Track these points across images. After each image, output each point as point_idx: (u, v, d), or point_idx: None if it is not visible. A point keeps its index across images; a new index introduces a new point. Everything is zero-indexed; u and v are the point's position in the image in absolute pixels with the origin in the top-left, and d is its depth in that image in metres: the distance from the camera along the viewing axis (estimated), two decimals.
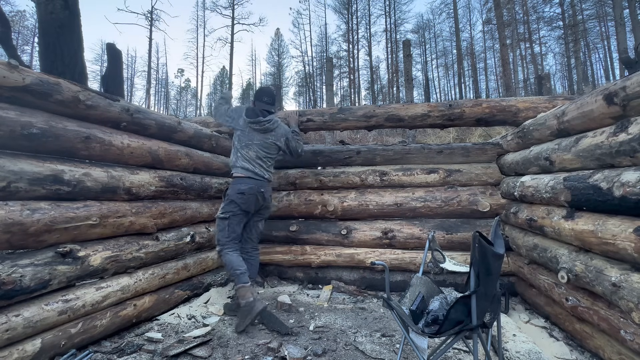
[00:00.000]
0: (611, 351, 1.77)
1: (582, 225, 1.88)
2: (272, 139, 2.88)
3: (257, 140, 2.82)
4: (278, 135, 2.92)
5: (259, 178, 2.78)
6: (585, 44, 26.25)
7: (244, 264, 2.60)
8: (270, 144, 2.88)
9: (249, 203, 2.73)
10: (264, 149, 2.85)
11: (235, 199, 2.68)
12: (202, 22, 40.91)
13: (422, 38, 35.40)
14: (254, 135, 2.83)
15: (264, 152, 2.85)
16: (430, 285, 1.92)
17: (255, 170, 2.78)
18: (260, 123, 2.82)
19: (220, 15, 30.91)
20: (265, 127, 2.84)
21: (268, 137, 2.86)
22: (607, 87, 1.75)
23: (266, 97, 2.96)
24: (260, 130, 2.84)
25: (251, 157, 2.80)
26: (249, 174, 2.75)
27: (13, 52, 5.18)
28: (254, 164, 2.79)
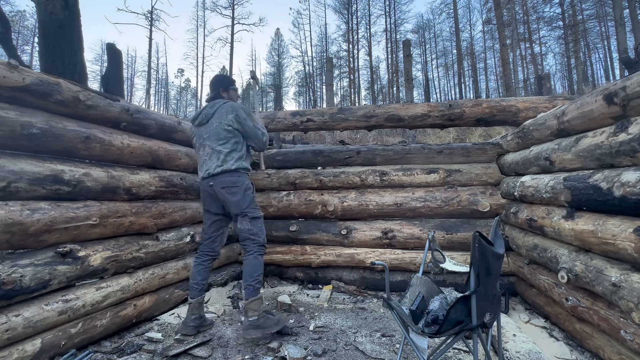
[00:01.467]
0: (611, 351, 1.77)
1: (582, 225, 1.88)
2: (215, 122, 2.44)
3: (205, 134, 2.46)
4: (222, 115, 2.43)
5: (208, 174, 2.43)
6: (585, 44, 26.26)
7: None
8: (218, 129, 2.42)
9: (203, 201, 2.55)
10: (215, 139, 2.43)
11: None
12: (202, 22, 40.98)
13: (422, 38, 35.41)
14: (202, 132, 2.49)
15: (215, 142, 2.43)
16: (430, 285, 1.92)
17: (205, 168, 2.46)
18: (197, 117, 2.53)
19: (220, 15, 30.92)
20: (204, 115, 2.49)
21: (212, 123, 2.45)
22: (607, 87, 1.75)
23: (209, 92, 2.64)
24: (203, 123, 2.50)
25: (207, 155, 2.45)
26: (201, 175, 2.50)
27: (13, 52, 5.18)
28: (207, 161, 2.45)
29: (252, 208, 2.44)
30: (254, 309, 2.19)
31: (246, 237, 2.40)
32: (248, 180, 2.49)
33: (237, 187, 2.40)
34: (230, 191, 2.40)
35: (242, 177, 2.45)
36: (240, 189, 2.40)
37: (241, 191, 2.40)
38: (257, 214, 2.45)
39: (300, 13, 41.94)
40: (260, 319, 2.18)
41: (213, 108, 2.47)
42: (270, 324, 2.19)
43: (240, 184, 2.41)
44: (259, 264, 2.36)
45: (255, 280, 2.27)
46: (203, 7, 39.94)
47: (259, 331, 2.14)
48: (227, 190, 2.41)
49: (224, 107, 2.47)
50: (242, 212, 2.40)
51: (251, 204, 2.44)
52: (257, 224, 2.43)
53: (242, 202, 2.40)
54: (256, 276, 2.29)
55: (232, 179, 2.41)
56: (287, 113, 3.80)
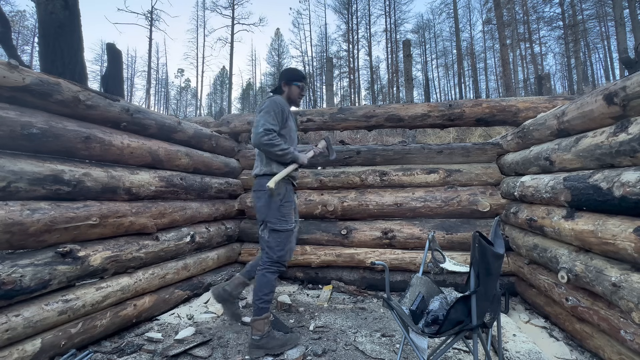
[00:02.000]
0: (611, 351, 1.77)
1: (582, 225, 1.88)
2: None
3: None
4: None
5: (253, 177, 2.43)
6: (585, 44, 26.25)
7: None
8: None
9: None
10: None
11: None
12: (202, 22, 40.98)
13: (422, 38, 35.41)
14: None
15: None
16: (430, 285, 1.92)
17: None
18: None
19: (220, 15, 30.92)
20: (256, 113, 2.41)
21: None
22: (607, 87, 1.75)
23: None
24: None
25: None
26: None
27: (13, 52, 5.18)
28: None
29: (276, 218, 2.22)
30: (257, 328, 2.09)
31: (263, 247, 2.26)
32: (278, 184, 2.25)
33: (262, 192, 2.25)
34: (256, 195, 2.31)
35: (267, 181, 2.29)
36: (265, 194, 2.23)
37: (265, 196, 2.23)
38: (278, 227, 2.22)
39: (300, 13, 41.97)
40: (264, 339, 2.07)
41: (261, 108, 2.32)
42: (274, 345, 2.07)
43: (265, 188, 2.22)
44: (267, 282, 2.17)
45: (260, 300, 2.13)
46: (203, 7, 39.96)
47: (261, 351, 2.05)
48: (254, 194, 2.34)
49: (264, 103, 2.32)
50: (264, 220, 2.24)
51: (275, 213, 2.22)
52: (277, 237, 2.21)
53: (265, 209, 2.23)
54: (262, 295, 2.14)
55: (260, 182, 2.29)
56: None
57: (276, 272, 2.22)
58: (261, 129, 2.19)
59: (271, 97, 2.34)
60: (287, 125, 2.36)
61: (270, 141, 2.18)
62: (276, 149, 2.19)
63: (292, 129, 2.45)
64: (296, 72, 2.51)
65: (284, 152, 2.23)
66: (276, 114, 2.25)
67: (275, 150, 2.19)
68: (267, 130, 2.20)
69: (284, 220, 2.24)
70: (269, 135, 2.20)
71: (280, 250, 2.22)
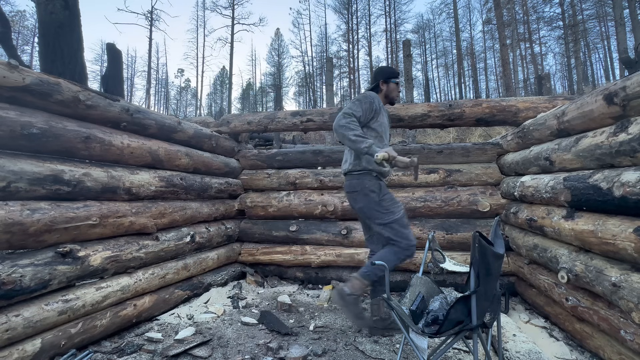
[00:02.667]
0: (611, 351, 1.77)
1: (582, 225, 1.88)
2: None
3: None
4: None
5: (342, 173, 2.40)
6: (585, 44, 26.27)
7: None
8: None
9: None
10: None
11: None
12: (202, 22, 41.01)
13: (422, 38, 35.43)
14: None
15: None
16: (430, 285, 1.92)
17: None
18: None
19: (220, 15, 30.94)
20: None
21: None
22: (607, 87, 1.75)
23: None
24: None
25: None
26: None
27: (13, 52, 5.19)
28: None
29: (380, 212, 2.15)
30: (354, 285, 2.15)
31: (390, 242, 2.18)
32: (370, 182, 2.19)
33: (355, 192, 2.17)
34: (351, 197, 2.23)
35: (361, 180, 2.19)
36: (360, 194, 2.15)
37: (361, 196, 2.15)
38: (387, 219, 2.14)
39: (300, 13, 41.99)
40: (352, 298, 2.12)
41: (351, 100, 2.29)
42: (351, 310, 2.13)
43: (359, 188, 2.16)
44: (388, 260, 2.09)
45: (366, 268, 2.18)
46: (203, 7, 39.97)
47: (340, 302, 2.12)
48: (349, 196, 2.26)
49: (357, 96, 2.26)
50: (370, 218, 2.16)
51: (378, 207, 2.15)
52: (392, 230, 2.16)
53: (366, 210, 2.15)
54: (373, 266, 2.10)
55: (350, 182, 2.21)
56: (287, 113, 3.80)
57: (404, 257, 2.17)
58: (341, 112, 2.12)
59: (364, 92, 2.31)
60: (379, 119, 2.27)
61: (347, 124, 2.04)
62: (350, 133, 2.03)
63: (385, 125, 2.34)
64: (392, 70, 2.48)
65: (359, 138, 2.03)
66: (362, 103, 2.16)
67: (349, 134, 2.04)
68: (346, 113, 2.09)
69: (390, 212, 2.15)
70: (347, 118, 2.07)
71: (403, 237, 2.15)
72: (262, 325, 2.46)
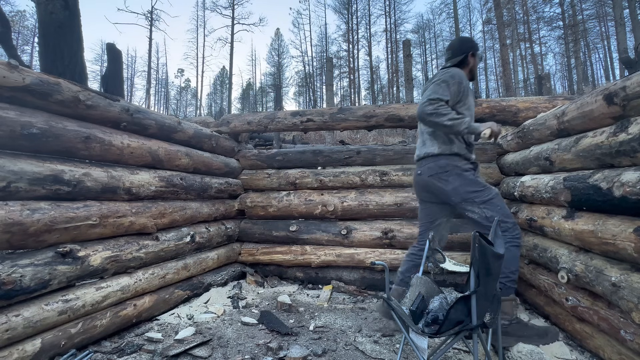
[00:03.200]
0: (611, 351, 1.76)
1: (582, 225, 1.88)
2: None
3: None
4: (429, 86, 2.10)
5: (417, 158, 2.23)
6: (585, 44, 26.27)
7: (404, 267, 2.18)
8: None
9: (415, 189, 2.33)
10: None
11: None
12: (202, 22, 41.03)
13: (422, 38, 35.45)
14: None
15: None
16: (430, 285, 1.92)
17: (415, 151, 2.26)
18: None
19: (220, 15, 30.96)
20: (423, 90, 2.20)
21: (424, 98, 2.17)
22: (607, 87, 1.75)
23: (445, 54, 2.32)
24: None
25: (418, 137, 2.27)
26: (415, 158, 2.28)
27: (13, 52, 5.20)
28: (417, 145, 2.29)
29: (477, 191, 2.01)
30: (505, 311, 1.86)
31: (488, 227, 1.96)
32: (462, 162, 2.08)
33: (447, 173, 2.03)
34: (440, 179, 2.05)
35: (452, 160, 2.06)
36: (452, 174, 2.01)
37: (454, 175, 2.01)
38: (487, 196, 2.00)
39: (300, 13, 42.01)
40: (513, 324, 1.86)
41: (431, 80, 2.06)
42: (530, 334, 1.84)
43: (450, 167, 2.02)
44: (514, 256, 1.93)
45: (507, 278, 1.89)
46: (203, 7, 40.00)
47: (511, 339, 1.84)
48: (435, 178, 2.06)
49: (437, 75, 2.06)
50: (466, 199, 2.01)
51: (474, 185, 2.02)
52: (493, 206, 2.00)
53: (461, 188, 2.00)
54: (509, 273, 1.90)
55: (437, 163, 2.05)
56: (287, 113, 3.80)
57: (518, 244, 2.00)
58: (425, 99, 1.95)
59: (448, 69, 2.09)
60: (467, 102, 2.09)
61: (435, 110, 1.89)
62: (444, 119, 1.88)
63: (472, 106, 2.18)
64: (475, 41, 2.30)
65: (455, 121, 1.89)
66: (449, 85, 1.98)
67: (442, 120, 1.88)
68: (431, 99, 1.93)
69: (487, 189, 2.04)
70: (433, 104, 1.91)
71: (509, 215, 2.01)
72: (262, 325, 2.46)
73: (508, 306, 1.88)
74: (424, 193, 2.22)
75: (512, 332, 1.87)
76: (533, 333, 1.87)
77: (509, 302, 1.89)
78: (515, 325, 1.90)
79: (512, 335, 1.87)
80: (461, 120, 1.92)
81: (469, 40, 2.27)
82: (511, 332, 1.87)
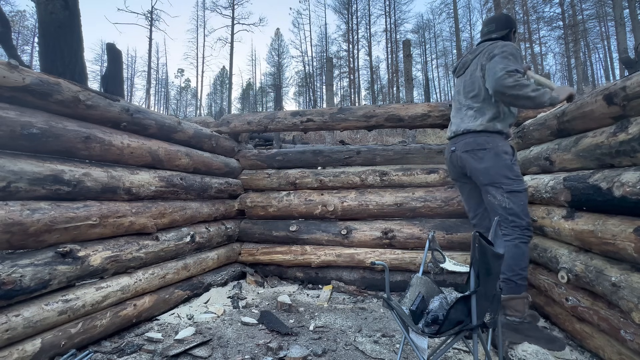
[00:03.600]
0: (611, 351, 1.76)
1: (582, 225, 1.88)
2: (471, 70, 2.06)
3: (456, 88, 2.18)
4: (481, 58, 1.99)
5: (451, 135, 2.14)
6: (585, 44, 26.27)
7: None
8: (472, 79, 2.04)
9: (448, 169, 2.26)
10: (464, 92, 2.09)
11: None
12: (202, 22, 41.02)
13: (422, 38, 35.45)
14: (456, 85, 2.19)
15: (464, 97, 2.09)
16: (430, 285, 1.92)
17: (451, 127, 2.16)
18: (457, 67, 2.21)
19: (220, 15, 30.96)
20: (462, 63, 2.12)
21: (468, 72, 2.09)
22: (607, 87, 1.75)
23: (485, 27, 2.21)
24: (460, 74, 2.16)
25: (453, 112, 2.18)
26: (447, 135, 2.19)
27: (13, 52, 5.20)
28: (452, 121, 2.18)
29: (509, 178, 1.92)
30: (516, 309, 1.83)
31: (502, 216, 1.91)
32: (503, 143, 1.98)
33: (484, 151, 1.92)
34: (475, 155, 1.96)
35: (493, 138, 1.96)
36: (489, 153, 1.92)
37: (490, 155, 1.91)
38: (517, 187, 1.91)
39: (300, 13, 41.99)
40: (525, 323, 1.82)
41: (474, 53, 1.99)
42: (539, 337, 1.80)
43: (490, 145, 1.92)
44: (523, 253, 1.87)
45: (518, 276, 1.85)
46: (203, 7, 40.00)
47: (519, 337, 1.81)
48: (471, 154, 1.97)
49: (488, 48, 1.95)
50: (494, 184, 1.91)
51: (508, 172, 1.92)
52: (519, 200, 1.91)
53: (493, 169, 1.91)
54: (519, 270, 1.86)
55: (476, 139, 1.95)
56: (287, 113, 3.80)
57: (528, 241, 1.93)
58: (501, 72, 1.81)
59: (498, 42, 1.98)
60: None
61: (516, 82, 1.77)
62: (527, 90, 1.78)
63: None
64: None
65: (537, 92, 1.79)
66: (517, 58, 1.88)
67: (526, 92, 1.78)
68: (509, 71, 1.80)
69: (520, 180, 1.96)
70: (513, 76, 1.79)
71: (527, 214, 1.94)
72: (262, 325, 2.46)
73: (520, 304, 1.85)
74: (457, 172, 2.13)
75: (523, 331, 1.85)
76: (542, 336, 1.86)
77: (521, 300, 1.86)
78: (526, 324, 1.88)
79: (521, 333, 1.86)
80: (543, 90, 1.82)
81: (512, 18, 2.21)
82: (521, 331, 1.85)
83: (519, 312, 1.86)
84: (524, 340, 1.85)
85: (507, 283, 1.90)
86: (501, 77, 1.81)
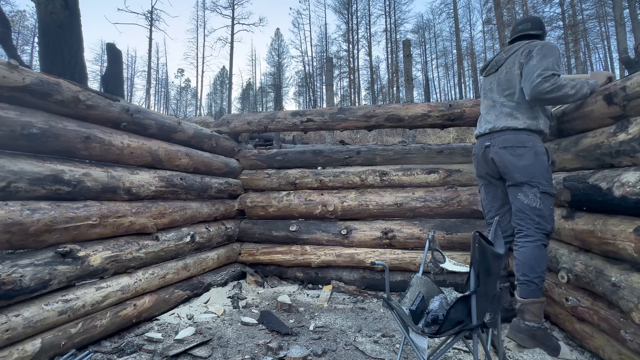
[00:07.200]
0: (611, 351, 1.77)
1: (582, 225, 1.88)
2: (506, 69, 2.05)
3: (489, 85, 2.17)
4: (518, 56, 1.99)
5: (484, 131, 2.11)
6: (585, 44, 26.27)
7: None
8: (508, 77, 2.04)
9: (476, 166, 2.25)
10: (499, 90, 2.08)
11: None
12: (202, 22, 41.01)
13: (422, 38, 35.45)
14: (487, 83, 2.20)
15: (498, 94, 2.08)
16: (430, 285, 1.92)
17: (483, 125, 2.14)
18: (487, 65, 2.22)
19: (220, 15, 30.96)
20: (496, 61, 2.13)
21: (502, 70, 2.08)
22: (607, 87, 1.75)
23: (519, 25, 2.20)
24: (491, 72, 2.17)
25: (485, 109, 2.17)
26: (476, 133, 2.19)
27: (13, 52, 5.20)
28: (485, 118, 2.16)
29: (547, 180, 1.90)
30: (534, 313, 1.80)
31: (528, 217, 1.88)
32: (542, 144, 1.97)
33: (524, 148, 1.90)
34: (515, 152, 1.92)
35: (534, 137, 1.95)
36: (530, 151, 1.90)
37: (531, 153, 1.89)
38: (551, 190, 1.90)
39: (300, 13, 41.97)
40: (541, 330, 1.81)
41: (509, 52, 2.00)
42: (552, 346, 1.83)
43: (530, 144, 1.90)
44: (544, 256, 1.86)
45: (539, 278, 1.82)
46: (203, 7, 40.00)
47: (533, 342, 1.81)
48: (509, 150, 1.93)
49: (525, 46, 1.96)
50: (531, 182, 1.88)
51: (546, 173, 1.90)
52: (550, 204, 1.89)
53: (532, 168, 1.88)
54: (541, 272, 1.83)
55: (518, 137, 1.93)
56: (287, 113, 3.80)
57: (547, 246, 1.91)
58: (538, 79, 1.82)
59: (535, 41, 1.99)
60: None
61: (554, 85, 1.79)
62: (567, 90, 1.80)
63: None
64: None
65: (576, 86, 1.81)
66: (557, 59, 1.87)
67: (566, 91, 1.80)
68: (545, 77, 1.81)
69: (552, 185, 1.93)
70: (549, 80, 1.80)
71: (553, 220, 1.91)
72: (262, 325, 2.46)
73: (539, 308, 1.84)
74: (486, 169, 2.11)
75: (538, 337, 1.84)
76: (553, 345, 1.87)
77: (540, 304, 1.84)
78: (542, 331, 1.86)
79: (537, 340, 1.84)
80: (581, 83, 1.82)
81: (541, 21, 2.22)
82: (538, 338, 1.84)
83: (537, 317, 1.84)
84: (537, 347, 1.83)
85: (529, 285, 1.86)
86: (538, 84, 1.82)
